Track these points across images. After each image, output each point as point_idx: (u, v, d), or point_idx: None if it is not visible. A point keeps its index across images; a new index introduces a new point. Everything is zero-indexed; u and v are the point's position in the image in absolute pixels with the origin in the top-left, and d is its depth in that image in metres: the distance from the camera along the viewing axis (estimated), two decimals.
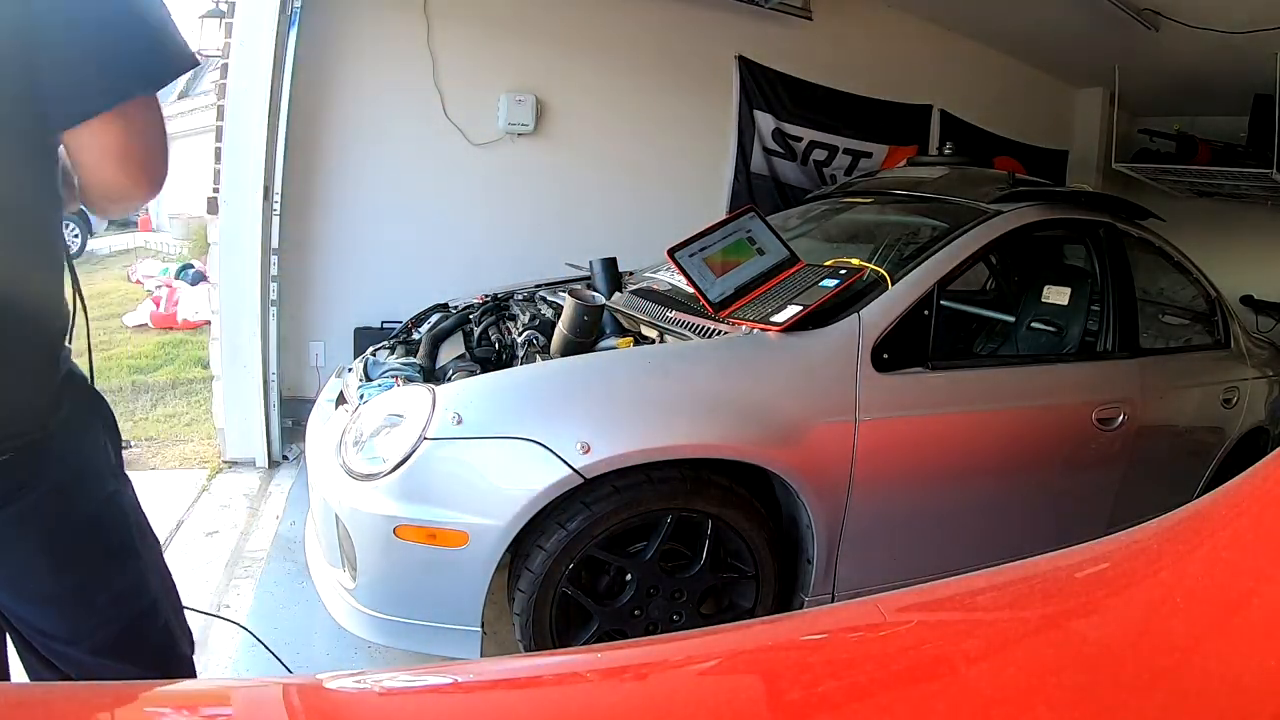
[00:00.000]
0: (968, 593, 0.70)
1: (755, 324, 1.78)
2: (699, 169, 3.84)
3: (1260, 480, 0.72)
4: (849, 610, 0.76)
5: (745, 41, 3.79)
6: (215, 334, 2.88)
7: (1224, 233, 4.60)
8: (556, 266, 2.71)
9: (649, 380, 1.66)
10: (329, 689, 0.62)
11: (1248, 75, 3.88)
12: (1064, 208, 2.25)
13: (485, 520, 1.50)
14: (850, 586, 1.83)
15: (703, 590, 1.70)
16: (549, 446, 1.51)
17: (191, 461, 3.03)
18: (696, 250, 1.97)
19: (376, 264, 3.27)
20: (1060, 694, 0.53)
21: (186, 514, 2.54)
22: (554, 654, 1.37)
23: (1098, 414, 2.08)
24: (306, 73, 2.93)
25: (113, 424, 0.99)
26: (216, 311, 2.88)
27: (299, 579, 2.08)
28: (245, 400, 2.86)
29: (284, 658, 1.86)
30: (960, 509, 1.97)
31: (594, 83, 3.55)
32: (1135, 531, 0.71)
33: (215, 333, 2.88)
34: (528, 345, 2.00)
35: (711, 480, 1.65)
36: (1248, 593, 0.57)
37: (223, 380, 2.87)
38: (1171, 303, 2.66)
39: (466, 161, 3.36)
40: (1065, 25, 4.01)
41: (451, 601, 1.56)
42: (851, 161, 4.13)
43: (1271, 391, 2.69)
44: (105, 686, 0.81)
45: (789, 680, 0.61)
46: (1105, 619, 0.63)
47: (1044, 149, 4.87)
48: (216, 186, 2.80)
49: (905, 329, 1.83)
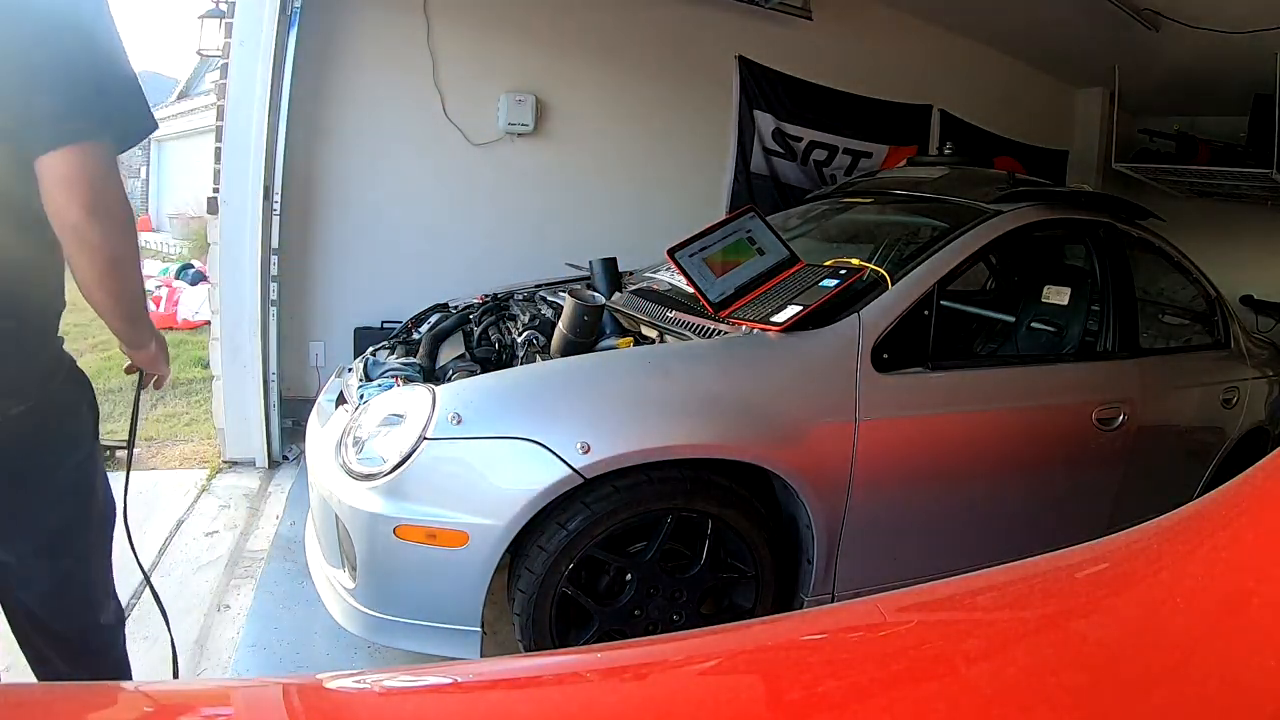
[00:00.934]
0: (968, 593, 0.70)
1: (755, 324, 1.79)
2: (699, 169, 3.84)
3: (1260, 480, 0.72)
4: (849, 610, 0.76)
5: (745, 41, 3.79)
6: (215, 334, 2.88)
7: (1224, 233, 4.60)
8: (556, 266, 2.71)
9: (649, 380, 1.66)
10: (329, 689, 0.62)
11: (1248, 75, 3.88)
12: (1064, 208, 2.25)
13: (485, 520, 1.50)
14: (850, 586, 1.83)
15: (703, 590, 1.70)
16: (549, 446, 1.51)
17: (191, 461, 3.03)
18: (696, 250, 1.97)
19: (376, 264, 3.27)
20: (1060, 694, 0.53)
21: (186, 514, 2.54)
22: (554, 654, 1.37)
23: (1098, 414, 2.08)
24: (306, 73, 2.93)
25: (93, 400, 1.15)
26: (216, 311, 2.88)
27: (299, 579, 2.08)
28: (245, 400, 2.86)
29: (284, 658, 1.87)
30: (960, 509, 1.97)
31: (594, 83, 3.56)
32: (1135, 531, 0.71)
33: (215, 333, 2.88)
34: (528, 345, 2.00)
35: (711, 480, 1.65)
36: (1248, 593, 0.57)
37: (223, 380, 2.87)
38: (1171, 303, 2.66)
39: (466, 161, 3.37)
40: (1065, 25, 4.02)
41: (451, 601, 1.56)
42: (851, 161, 4.13)
43: (1271, 391, 2.69)
44: (105, 687, 0.81)
45: (789, 680, 0.61)
46: (1105, 619, 0.63)
47: (1044, 149, 4.87)
48: (216, 186, 2.80)
49: (905, 329, 1.83)
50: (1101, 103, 4.86)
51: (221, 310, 2.84)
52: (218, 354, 2.88)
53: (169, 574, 2.19)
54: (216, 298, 2.88)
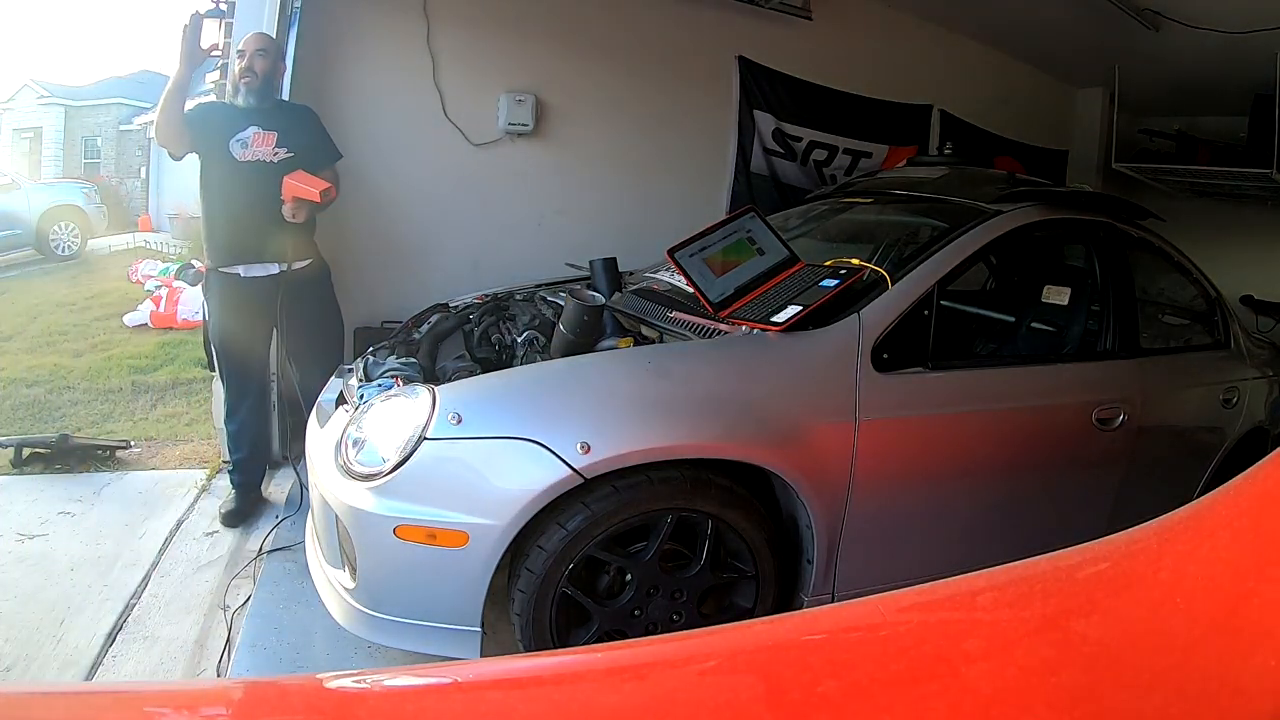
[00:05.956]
0: (968, 593, 0.70)
1: (755, 324, 1.78)
2: (699, 169, 3.84)
3: (1260, 480, 0.72)
4: (849, 610, 0.76)
5: (745, 41, 3.79)
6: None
7: (1224, 233, 4.59)
8: (556, 266, 2.71)
9: (649, 380, 1.66)
10: (329, 689, 0.62)
11: (1248, 75, 3.88)
12: (1064, 208, 2.25)
13: (485, 520, 1.50)
14: (850, 586, 1.83)
15: (703, 590, 1.70)
16: (549, 446, 1.51)
17: (191, 461, 3.03)
18: (696, 250, 1.97)
19: (376, 264, 3.27)
20: (1060, 694, 0.53)
21: (186, 514, 2.54)
22: (554, 654, 1.37)
23: (1098, 414, 2.08)
24: (306, 73, 2.93)
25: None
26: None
27: (299, 579, 2.08)
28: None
29: (284, 658, 1.87)
30: (960, 509, 1.97)
31: (594, 82, 3.55)
32: (1135, 531, 0.71)
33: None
34: (528, 345, 2.00)
35: (711, 480, 1.64)
36: (1248, 593, 0.57)
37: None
38: (1171, 303, 2.66)
39: (466, 161, 3.36)
40: (1065, 25, 4.02)
41: (451, 601, 1.56)
42: (851, 161, 4.12)
43: (1271, 391, 2.69)
44: (105, 687, 0.81)
45: (789, 680, 0.61)
46: (1105, 619, 0.63)
47: (1044, 149, 4.87)
48: None
49: (905, 329, 1.83)
50: (1101, 103, 4.86)
51: None
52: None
53: (169, 574, 2.19)
54: None
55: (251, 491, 2.58)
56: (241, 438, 2.53)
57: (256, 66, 2.34)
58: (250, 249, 2.36)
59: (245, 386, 2.50)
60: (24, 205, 9.01)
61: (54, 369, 4.44)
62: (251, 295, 2.39)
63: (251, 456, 2.56)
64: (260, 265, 2.39)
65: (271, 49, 2.41)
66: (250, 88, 2.35)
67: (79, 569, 2.17)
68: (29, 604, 2.00)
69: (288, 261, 2.40)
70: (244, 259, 2.37)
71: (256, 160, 2.32)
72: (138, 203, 14.35)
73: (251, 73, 2.34)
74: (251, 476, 2.59)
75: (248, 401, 2.51)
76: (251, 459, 2.56)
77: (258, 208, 2.31)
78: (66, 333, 5.55)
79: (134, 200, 14.50)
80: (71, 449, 2.85)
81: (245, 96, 2.35)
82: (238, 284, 2.39)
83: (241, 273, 2.38)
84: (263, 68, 2.35)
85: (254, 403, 2.53)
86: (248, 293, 2.39)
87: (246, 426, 2.53)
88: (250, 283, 2.39)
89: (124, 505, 2.58)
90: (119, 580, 2.13)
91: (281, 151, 2.35)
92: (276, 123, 2.37)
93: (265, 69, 2.36)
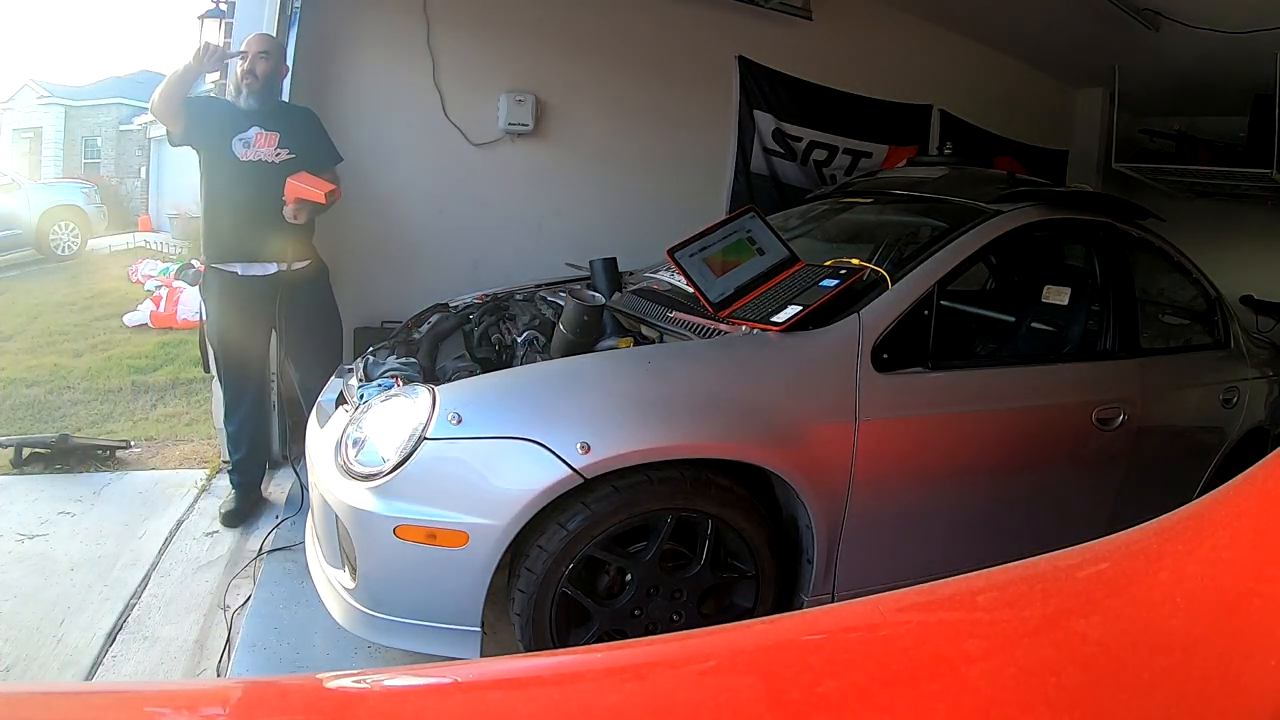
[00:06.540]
0: (968, 593, 0.70)
1: (755, 324, 1.78)
2: (699, 169, 3.83)
3: (1260, 480, 0.72)
4: (849, 610, 0.76)
5: (745, 41, 3.79)
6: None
7: (1224, 233, 4.60)
8: (556, 266, 2.71)
9: (649, 380, 1.66)
10: (329, 689, 0.62)
11: (1248, 75, 3.88)
12: (1064, 208, 2.25)
13: (485, 520, 1.50)
14: (850, 586, 1.83)
15: (703, 590, 1.70)
16: (549, 446, 1.51)
17: (191, 461, 3.03)
18: (696, 250, 1.97)
19: (376, 264, 3.27)
20: (1060, 694, 0.53)
21: (186, 514, 2.54)
22: (554, 654, 1.37)
23: (1098, 414, 2.08)
24: (306, 73, 2.93)
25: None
26: None
27: (299, 579, 2.08)
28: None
29: (283, 658, 1.87)
30: (960, 509, 1.97)
31: (594, 83, 3.55)
32: (1135, 531, 0.71)
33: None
34: (528, 345, 2.00)
35: (711, 480, 1.64)
36: (1248, 593, 0.57)
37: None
38: (1171, 303, 2.66)
39: (466, 161, 3.36)
40: (1065, 25, 4.02)
41: (451, 601, 1.55)
42: (851, 161, 4.12)
43: (1271, 391, 2.69)
44: (105, 687, 0.81)
45: (789, 680, 0.61)
46: (1105, 619, 0.63)
47: (1044, 149, 4.87)
48: None
49: (905, 329, 1.83)
50: (1101, 103, 4.86)
51: None
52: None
53: (169, 574, 2.19)
54: None
55: (251, 491, 2.58)
56: (241, 438, 2.53)
57: (258, 69, 2.34)
58: (249, 248, 2.36)
59: (243, 386, 2.50)
60: (24, 205, 9.02)
61: (54, 369, 4.45)
62: (249, 295, 2.40)
63: (251, 456, 2.56)
64: (258, 264, 2.39)
65: (273, 51, 2.41)
66: (252, 89, 2.34)
67: (79, 569, 2.17)
68: (29, 604, 2.00)
69: (286, 262, 2.40)
70: (242, 257, 2.37)
71: (258, 160, 2.33)
72: (138, 203, 14.36)
73: (253, 75, 2.34)
74: (251, 476, 2.59)
75: (246, 401, 2.51)
76: (251, 459, 2.56)
77: (258, 207, 2.32)
78: (66, 333, 5.55)
79: (134, 200, 14.51)
80: (71, 449, 2.86)
81: (247, 98, 2.35)
82: (235, 283, 2.39)
83: (239, 271, 2.38)
84: (264, 70, 2.35)
85: (253, 403, 2.53)
86: (245, 292, 2.40)
87: (246, 426, 2.53)
88: (248, 282, 2.39)
89: (124, 505, 2.58)
90: (119, 580, 2.13)
91: (284, 152, 2.35)
92: (278, 124, 2.37)
93: (267, 71, 2.36)
